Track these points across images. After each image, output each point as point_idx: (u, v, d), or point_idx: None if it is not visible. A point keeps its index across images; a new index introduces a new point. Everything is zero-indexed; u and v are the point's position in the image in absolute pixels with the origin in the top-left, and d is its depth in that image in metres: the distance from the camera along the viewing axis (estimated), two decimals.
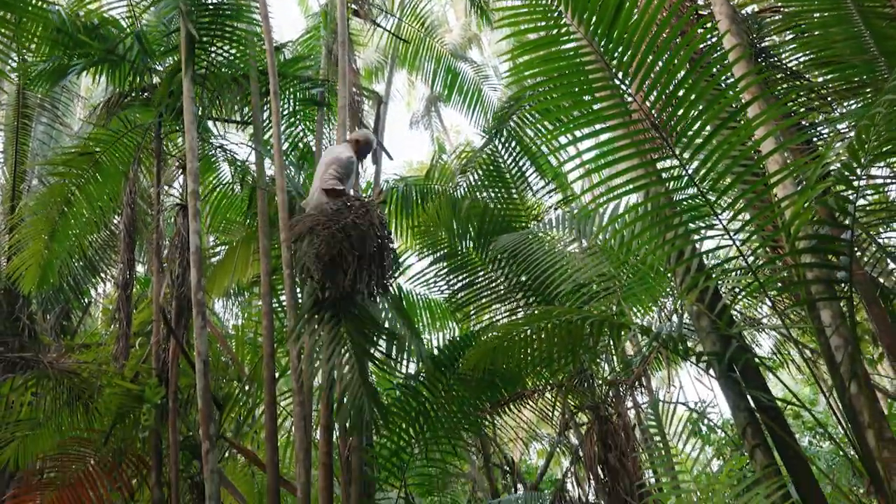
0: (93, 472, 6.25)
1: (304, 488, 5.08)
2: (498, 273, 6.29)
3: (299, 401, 5.32)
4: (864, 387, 3.69)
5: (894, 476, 3.55)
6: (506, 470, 12.54)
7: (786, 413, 15.03)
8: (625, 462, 5.69)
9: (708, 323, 4.22)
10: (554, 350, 5.01)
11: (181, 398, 6.21)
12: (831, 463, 11.86)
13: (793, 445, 3.84)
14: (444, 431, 6.66)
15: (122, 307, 6.55)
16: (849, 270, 3.69)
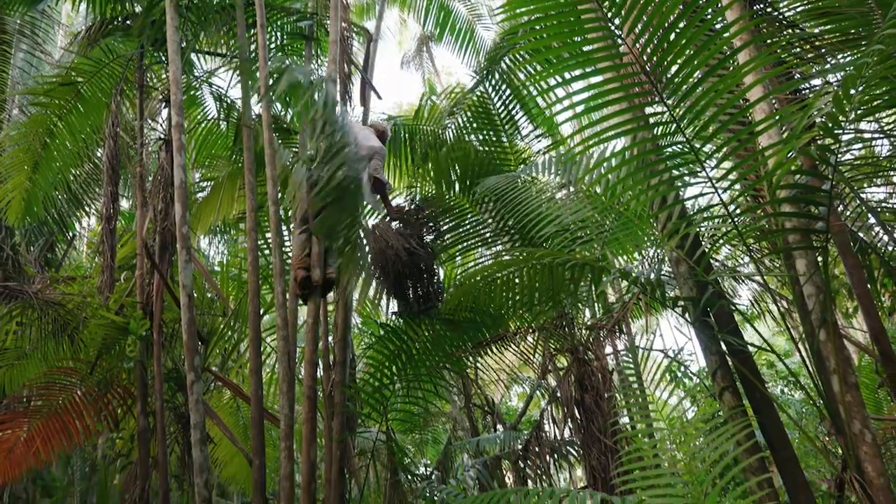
0: (79, 402, 6.35)
1: (288, 420, 5.20)
2: (484, 216, 6.31)
3: (283, 336, 5.39)
4: (833, 334, 3.80)
5: (855, 419, 3.70)
6: (486, 410, 12.87)
7: (760, 363, 15.42)
8: (600, 403, 5.86)
9: (686, 269, 4.30)
10: (535, 293, 5.09)
11: (166, 332, 6.27)
12: (801, 412, 12.27)
13: (760, 388, 3.97)
14: (425, 370, 6.81)
15: (105, 240, 6.53)
16: (826, 221, 3.75)
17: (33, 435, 6.38)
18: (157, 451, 5.66)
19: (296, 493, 5.56)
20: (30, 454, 6.37)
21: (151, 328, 5.96)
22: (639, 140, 3.92)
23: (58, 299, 6.18)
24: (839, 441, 3.74)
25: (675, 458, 3.92)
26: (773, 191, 3.72)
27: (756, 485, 3.79)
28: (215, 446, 7.49)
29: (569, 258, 4.11)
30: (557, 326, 6.20)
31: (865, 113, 3.94)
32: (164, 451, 5.57)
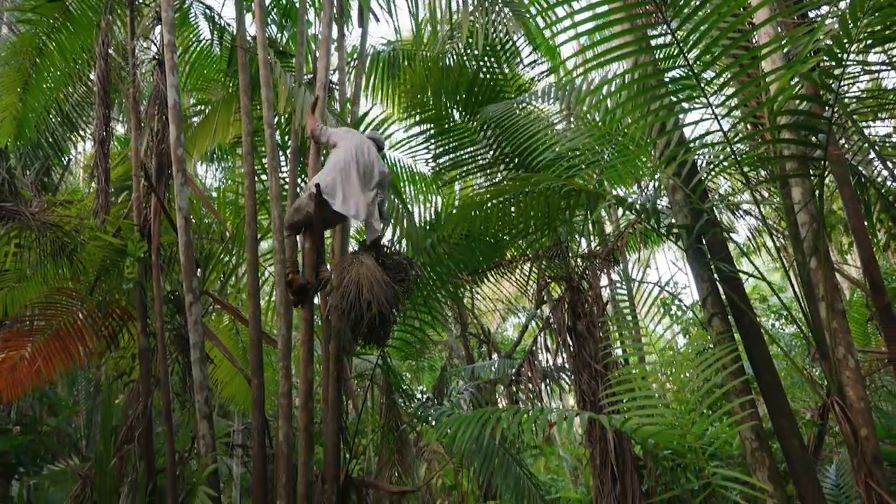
0: (79, 323, 6.45)
1: (285, 341, 5.30)
2: (482, 143, 6.25)
3: (279, 259, 5.44)
4: (824, 262, 3.83)
5: (840, 345, 3.78)
6: (482, 339, 13.14)
7: (753, 297, 15.53)
8: (592, 330, 5.95)
9: (682, 196, 4.30)
10: (531, 221, 5.10)
11: (164, 255, 6.31)
12: (790, 345, 12.50)
13: (748, 314, 4.04)
14: (422, 298, 6.89)
15: (99, 163, 6.48)
16: (825, 149, 3.72)
17: (35, 354, 6.50)
18: (159, 370, 5.80)
19: (293, 412, 5.74)
20: (33, 373, 6.52)
21: (149, 250, 5.99)
22: (640, 63, 3.84)
23: (55, 220, 6.18)
24: (823, 366, 3.83)
25: (664, 386, 4.02)
26: (774, 117, 3.67)
27: (739, 406, 3.90)
28: (215, 367, 7.66)
29: (565, 184, 4.10)
30: (552, 255, 6.23)
31: (874, 43, 3.85)
32: (165, 370, 5.70)
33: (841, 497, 5.86)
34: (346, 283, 4.96)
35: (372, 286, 4.86)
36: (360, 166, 5.14)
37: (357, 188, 5.07)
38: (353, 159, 5.13)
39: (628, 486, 5.48)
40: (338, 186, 5.04)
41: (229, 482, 10.90)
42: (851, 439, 3.56)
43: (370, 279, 4.91)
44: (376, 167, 5.25)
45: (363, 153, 5.20)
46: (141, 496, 5.61)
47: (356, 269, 5.02)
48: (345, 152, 5.16)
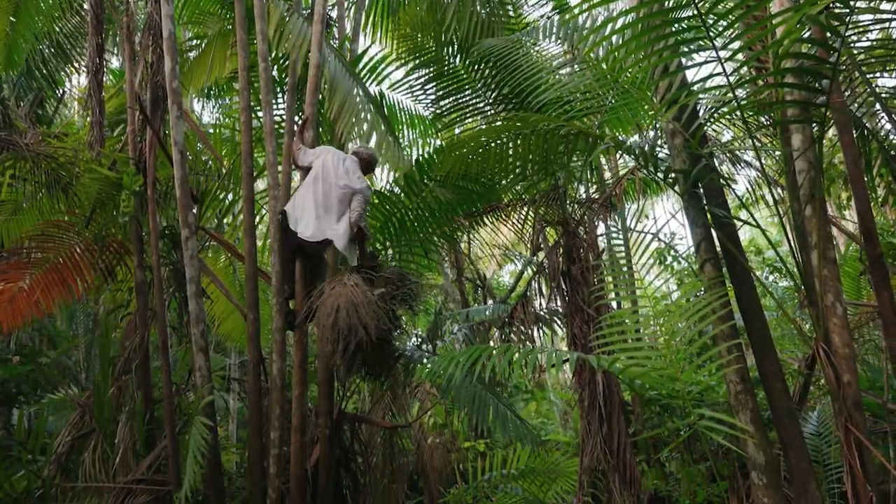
0: (76, 255, 6.48)
1: (279, 277, 5.33)
2: (480, 83, 6.16)
3: (274, 195, 5.42)
4: (818, 210, 3.84)
5: (829, 292, 3.82)
6: (477, 284, 13.22)
7: (748, 250, 15.56)
8: (586, 275, 6.00)
9: (681, 141, 4.26)
10: (529, 162, 5.07)
11: (160, 189, 6.29)
12: (784, 298, 12.63)
13: (741, 261, 4.06)
14: (418, 239, 6.90)
15: (93, 94, 6.38)
16: (828, 95, 3.67)
17: (34, 286, 6.56)
18: (155, 304, 5.85)
19: (288, 348, 5.82)
20: (31, 304, 6.58)
21: (145, 184, 5.97)
22: (646, 1, 3.75)
23: (49, 152, 6.12)
24: (811, 313, 3.88)
25: (656, 335, 4.07)
26: (779, 60, 3.61)
27: (726, 351, 3.96)
28: (212, 303, 7.73)
29: (563, 124, 4.06)
30: (550, 200, 6.23)
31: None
32: (161, 304, 5.76)
33: (821, 443, 6.03)
34: (327, 310, 4.47)
35: (355, 310, 4.37)
36: (325, 185, 4.91)
37: (314, 211, 4.84)
38: (318, 177, 4.94)
39: (615, 427, 5.62)
40: (301, 209, 4.89)
41: (226, 416, 11.15)
42: (834, 384, 3.63)
43: (352, 302, 4.41)
44: (342, 181, 4.91)
45: (331, 170, 4.96)
46: (139, 425, 5.74)
47: (337, 291, 4.54)
48: (313, 171, 5.01)
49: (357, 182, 4.92)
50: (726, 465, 7.62)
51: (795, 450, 3.93)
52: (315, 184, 4.92)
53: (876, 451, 3.54)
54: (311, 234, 4.77)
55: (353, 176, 4.95)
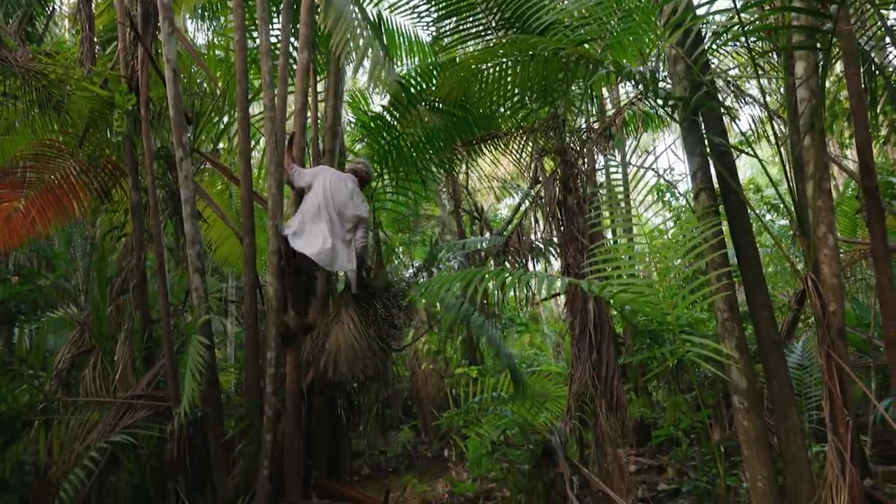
0: (71, 176, 6.45)
1: (275, 199, 5.33)
2: (482, 6, 5.97)
3: (270, 117, 5.36)
4: (817, 140, 3.80)
5: (822, 223, 3.83)
6: (475, 216, 13.21)
7: (747, 188, 15.48)
8: (582, 206, 5.99)
9: (683, 67, 4.18)
10: (528, 87, 4.99)
11: (154, 110, 6.19)
12: (781, 237, 12.69)
13: (735, 190, 4.06)
14: (416, 167, 6.86)
15: (82, 8, 6.20)
16: (835, 22, 3.58)
17: (29, 207, 6.55)
18: (151, 225, 5.85)
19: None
20: (27, 224, 6.59)
21: (138, 104, 5.87)
22: None
23: (40, 69, 5.99)
24: (802, 244, 3.90)
25: (649, 268, 4.08)
26: None
27: (716, 279, 4.00)
28: (209, 227, 7.74)
29: (563, 48, 3.97)
30: (548, 128, 6.14)
31: None
32: (157, 225, 5.76)
33: (804, 375, 6.17)
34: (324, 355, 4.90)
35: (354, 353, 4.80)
36: (331, 210, 5.01)
37: (323, 232, 4.95)
38: (322, 203, 5.01)
39: (604, 354, 5.72)
40: (304, 230, 5.01)
41: (224, 339, 11.34)
42: (820, 313, 3.69)
43: (351, 345, 4.82)
44: (349, 210, 5.07)
45: (335, 194, 5.05)
46: (138, 343, 5.85)
47: (336, 331, 4.92)
48: (315, 195, 5.06)
49: (363, 209, 5.15)
50: (711, 395, 7.84)
51: (779, 378, 4.03)
52: (325, 210, 4.99)
53: (856, 378, 3.63)
54: (326, 263, 4.93)
55: (360, 202, 5.16)
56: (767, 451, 4.01)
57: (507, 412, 5.78)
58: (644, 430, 9.05)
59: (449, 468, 9.51)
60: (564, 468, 5.22)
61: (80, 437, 5.29)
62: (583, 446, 6.27)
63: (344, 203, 5.02)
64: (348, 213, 5.02)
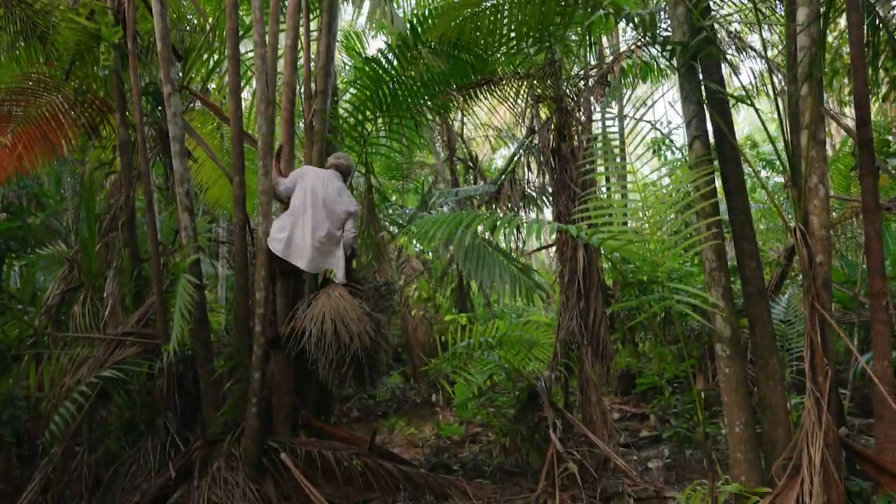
0: (57, 110, 6.33)
1: (265, 139, 5.26)
2: None
3: (261, 54, 5.24)
4: (815, 89, 3.75)
5: (814, 173, 3.81)
6: (469, 165, 13.11)
7: (744, 145, 15.42)
8: (576, 154, 5.95)
9: (683, 11, 4.09)
10: (524, 30, 4.88)
11: (141, 44, 6.04)
12: (775, 191, 12.70)
13: (730, 138, 4.02)
14: (409, 110, 6.74)
15: None
16: None
17: (16, 141, 6.45)
18: (140, 163, 5.78)
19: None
20: (14, 160, 6.50)
21: (125, 37, 5.72)
22: None
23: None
24: (793, 194, 3.89)
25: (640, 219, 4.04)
26: None
27: (705, 227, 4.00)
28: (199, 166, 7.66)
29: None
30: (545, 74, 6.05)
31: None
32: (145, 162, 5.68)
33: (787, 329, 6.26)
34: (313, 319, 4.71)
35: (342, 320, 4.64)
36: (318, 207, 4.95)
37: (311, 241, 4.91)
38: (308, 201, 4.96)
39: (592, 302, 5.78)
40: (290, 234, 4.95)
41: (215, 282, 11.37)
42: (806, 263, 3.70)
43: (339, 312, 4.68)
44: (339, 207, 5.05)
45: (322, 193, 5.00)
46: (127, 281, 5.85)
47: (322, 301, 4.77)
48: (300, 194, 5.01)
49: (352, 205, 5.11)
50: (697, 347, 7.95)
51: (762, 326, 4.08)
52: (310, 210, 4.94)
53: (839, 329, 3.67)
54: (308, 266, 4.94)
55: (346, 197, 5.12)
56: (747, 398, 4.09)
57: (494, 357, 5.85)
58: (629, 379, 9.21)
59: (436, 412, 9.70)
60: (548, 412, 5.32)
61: (70, 371, 5.33)
62: (568, 393, 6.38)
63: (333, 201, 5.04)
64: (339, 211, 5.06)
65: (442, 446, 7.65)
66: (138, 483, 5.16)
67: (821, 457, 3.49)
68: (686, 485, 4.27)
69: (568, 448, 5.28)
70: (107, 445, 5.22)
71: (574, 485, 5.08)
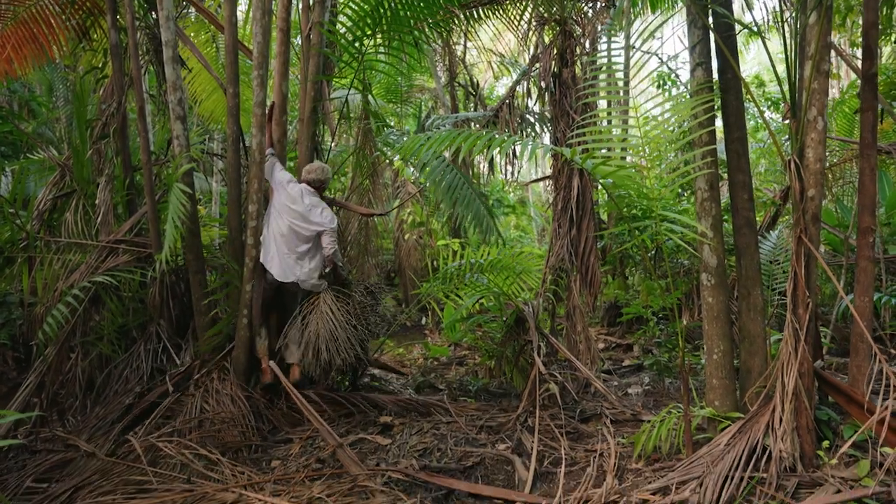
0: (47, 12, 6.14)
1: (261, 49, 5.14)
2: None
3: None
4: (823, 19, 3.66)
5: (814, 106, 3.76)
6: (470, 92, 12.89)
7: (752, 83, 15.10)
8: (577, 80, 5.84)
9: None
10: None
11: None
12: (779, 130, 12.56)
13: (733, 66, 3.95)
14: (410, 28, 6.55)
15: None
16: None
17: (4, 42, 6.28)
18: (131, 68, 5.65)
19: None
20: (3, 60, 6.35)
21: None
22: None
23: None
24: (792, 126, 3.85)
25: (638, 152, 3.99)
26: None
27: (700, 156, 3.98)
28: (193, 77, 7.51)
29: None
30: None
31: None
32: (137, 68, 5.56)
33: (773, 269, 6.31)
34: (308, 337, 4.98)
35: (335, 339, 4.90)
36: (283, 228, 5.03)
37: (279, 249, 5.03)
38: (283, 216, 5.04)
39: (584, 231, 5.80)
40: (268, 245, 5.08)
41: (209, 198, 11.35)
42: (798, 196, 3.71)
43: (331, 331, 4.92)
44: (308, 226, 5.06)
45: (292, 210, 5.05)
46: (119, 188, 5.83)
47: (315, 319, 5.01)
48: (276, 207, 5.09)
49: (324, 220, 5.10)
50: (685, 283, 8.04)
51: (748, 258, 4.12)
52: (279, 218, 5.07)
53: (822, 260, 3.71)
54: (277, 274, 5.05)
55: (318, 212, 5.12)
56: (727, 328, 4.17)
57: (484, 280, 5.91)
58: (616, 312, 9.36)
59: (426, 335, 9.88)
60: (534, 336, 5.42)
61: (63, 276, 5.38)
62: (554, 320, 6.48)
63: (302, 220, 5.09)
64: (310, 227, 5.10)
65: (429, 367, 7.83)
66: (131, 386, 5.29)
67: (794, 385, 3.59)
68: (663, 409, 4.41)
69: (551, 371, 5.41)
70: (100, 349, 5.32)
71: (554, 405, 5.23)
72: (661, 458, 4.04)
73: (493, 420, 5.14)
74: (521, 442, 4.54)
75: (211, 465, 4.22)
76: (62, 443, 4.83)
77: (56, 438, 4.91)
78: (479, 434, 4.82)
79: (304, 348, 4.96)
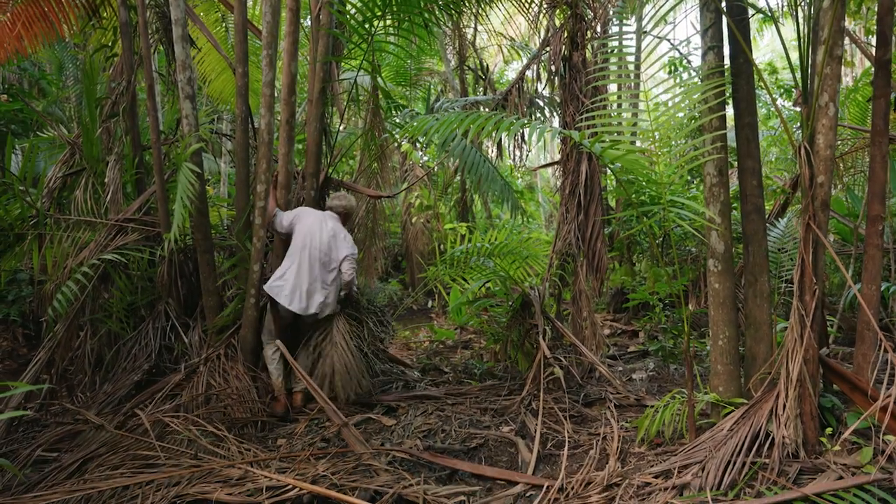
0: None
1: (270, 29, 5.12)
2: None
3: None
4: (838, 2, 3.62)
5: (826, 91, 3.73)
6: (479, 75, 12.82)
7: (764, 70, 14.94)
8: (587, 63, 5.80)
9: None
10: None
11: None
12: (791, 118, 12.43)
13: (744, 50, 3.91)
14: (420, 8, 6.51)
15: None
16: None
17: (14, 19, 6.29)
18: (141, 46, 5.65)
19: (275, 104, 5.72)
20: (13, 38, 6.36)
21: None
22: None
23: None
24: (803, 112, 3.82)
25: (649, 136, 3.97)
26: None
27: (710, 141, 3.96)
28: (202, 58, 7.50)
29: None
30: None
31: None
32: (146, 46, 5.55)
33: (781, 257, 6.28)
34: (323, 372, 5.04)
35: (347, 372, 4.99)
36: (312, 256, 5.04)
37: (304, 283, 5.02)
38: (301, 248, 5.04)
39: (591, 216, 5.78)
40: (286, 278, 5.03)
41: (218, 179, 11.38)
42: (807, 183, 3.69)
43: (345, 365, 5.00)
44: (333, 254, 5.13)
45: (315, 239, 5.07)
46: (128, 167, 5.85)
47: (329, 352, 5.05)
48: (297, 239, 5.09)
49: (347, 248, 5.19)
50: (692, 270, 8.03)
51: (756, 244, 4.11)
52: (303, 252, 5.06)
53: (830, 247, 3.69)
54: (300, 307, 5.01)
55: (342, 241, 5.20)
56: (733, 314, 4.17)
57: (490, 264, 5.91)
58: (623, 298, 9.37)
59: (432, 318, 9.91)
60: (539, 320, 5.43)
61: (73, 254, 5.42)
62: (560, 305, 6.49)
63: (327, 248, 5.14)
64: (333, 257, 5.16)
65: (435, 350, 7.87)
66: (139, 364, 5.35)
67: (798, 372, 3.59)
68: (666, 395, 4.42)
69: (556, 355, 5.43)
70: (109, 327, 5.37)
71: (559, 389, 5.26)
72: (664, 442, 4.06)
73: (497, 403, 5.17)
74: (524, 424, 4.57)
75: (217, 441, 4.27)
76: (71, 416, 4.89)
77: (66, 412, 4.98)
78: (484, 416, 4.86)
79: (320, 382, 4.99)
